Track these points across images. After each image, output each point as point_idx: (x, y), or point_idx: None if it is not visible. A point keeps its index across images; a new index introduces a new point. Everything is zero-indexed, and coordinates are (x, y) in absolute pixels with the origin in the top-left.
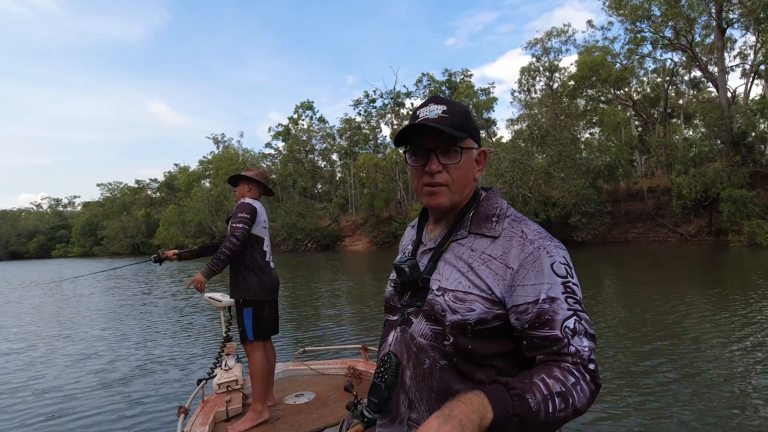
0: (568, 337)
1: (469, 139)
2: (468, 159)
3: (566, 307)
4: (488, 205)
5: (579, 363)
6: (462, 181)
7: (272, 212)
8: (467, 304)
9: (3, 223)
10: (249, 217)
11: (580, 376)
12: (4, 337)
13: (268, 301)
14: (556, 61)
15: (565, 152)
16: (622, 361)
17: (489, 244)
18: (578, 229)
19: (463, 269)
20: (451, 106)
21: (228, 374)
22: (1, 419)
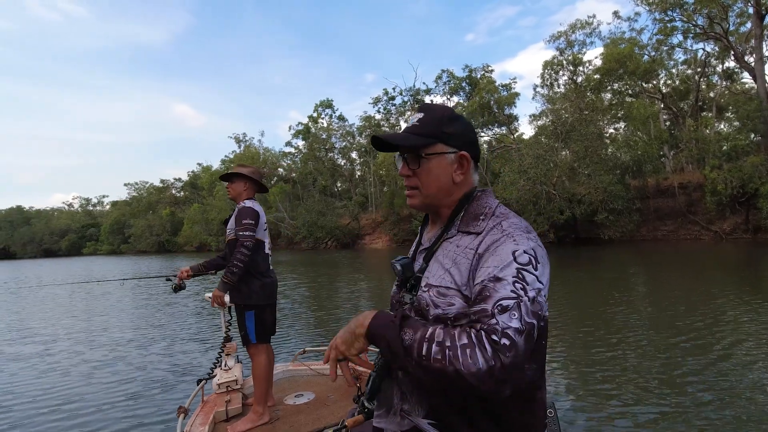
0: (495, 311)
1: (439, 144)
2: (438, 164)
3: (510, 289)
4: (478, 205)
5: (485, 330)
6: (432, 184)
7: (293, 210)
8: (448, 299)
9: (37, 222)
10: (254, 224)
11: (476, 342)
12: (8, 332)
13: (269, 304)
14: (580, 55)
15: (591, 147)
16: (647, 370)
17: (473, 239)
18: (605, 226)
19: (447, 265)
20: (428, 113)
21: (228, 374)
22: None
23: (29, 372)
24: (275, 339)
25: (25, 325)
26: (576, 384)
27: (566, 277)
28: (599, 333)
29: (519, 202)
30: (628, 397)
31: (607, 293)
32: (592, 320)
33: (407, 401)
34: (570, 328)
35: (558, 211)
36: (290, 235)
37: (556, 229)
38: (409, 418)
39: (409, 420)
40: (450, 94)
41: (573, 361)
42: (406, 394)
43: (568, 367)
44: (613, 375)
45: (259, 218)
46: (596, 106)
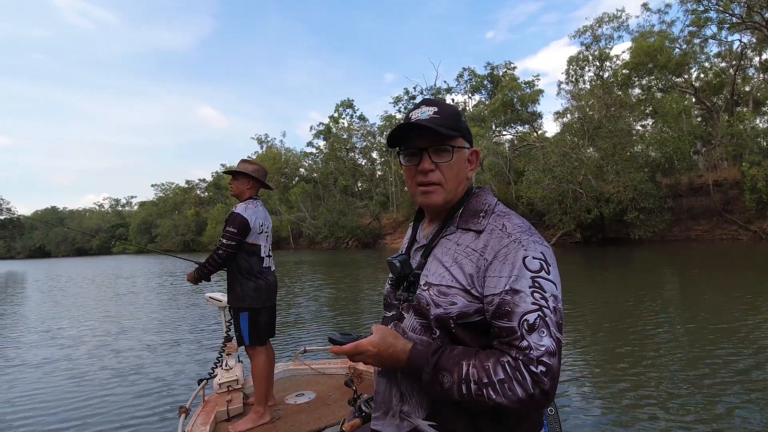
0: (523, 330)
1: (460, 138)
2: (460, 158)
3: (530, 301)
4: (477, 202)
5: (521, 360)
6: (454, 179)
7: (314, 210)
8: (449, 298)
9: (70, 222)
10: (237, 232)
11: (512, 375)
12: (15, 328)
13: (264, 307)
14: (607, 49)
15: (620, 144)
16: (679, 379)
17: (474, 238)
18: (634, 226)
19: (447, 263)
20: (442, 107)
21: (229, 374)
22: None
23: (30, 371)
24: (276, 339)
25: (38, 321)
26: (588, 383)
27: (592, 277)
28: (621, 333)
29: (544, 201)
30: (647, 399)
31: (633, 294)
32: (616, 320)
33: (407, 403)
34: (590, 327)
35: (585, 210)
36: (311, 234)
37: (582, 228)
38: (408, 420)
39: (408, 422)
40: (471, 92)
41: (592, 361)
42: (405, 396)
43: (588, 367)
44: (635, 378)
45: (249, 224)
46: (625, 101)
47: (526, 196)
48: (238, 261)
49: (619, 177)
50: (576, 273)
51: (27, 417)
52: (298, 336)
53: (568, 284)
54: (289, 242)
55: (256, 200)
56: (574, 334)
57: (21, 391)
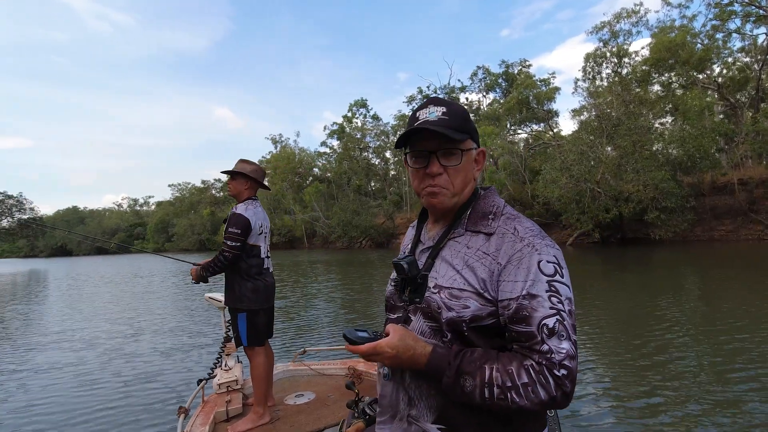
0: (543, 335)
1: (469, 139)
2: (468, 160)
3: (548, 306)
4: (485, 204)
5: (544, 365)
6: (462, 182)
7: (328, 210)
8: (462, 302)
9: (90, 222)
10: (240, 233)
11: (536, 378)
12: (21, 326)
13: (263, 308)
14: (625, 45)
15: (640, 142)
16: (701, 388)
17: (484, 241)
18: (655, 226)
19: (458, 266)
20: (451, 107)
21: (228, 374)
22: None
23: (34, 371)
24: (275, 339)
25: (50, 321)
26: (602, 385)
27: (610, 277)
28: (639, 336)
29: (561, 200)
30: (662, 405)
31: (654, 296)
32: (634, 322)
33: (415, 407)
34: (607, 329)
35: (603, 210)
36: (325, 234)
37: (600, 228)
38: (417, 424)
39: (417, 426)
40: (486, 90)
41: (607, 363)
42: (413, 400)
43: (603, 369)
44: (650, 382)
45: (251, 225)
46: (645, 98)
47: (543, 196)
48: (237, 262)
49: (639, 176)
50: (594, 273)
51: (25, 415)
52: (297, 336)
53: (586, 285)
54: (303, 242)
55: (255, 201)
56: (590, 335)
57: (21, 391)
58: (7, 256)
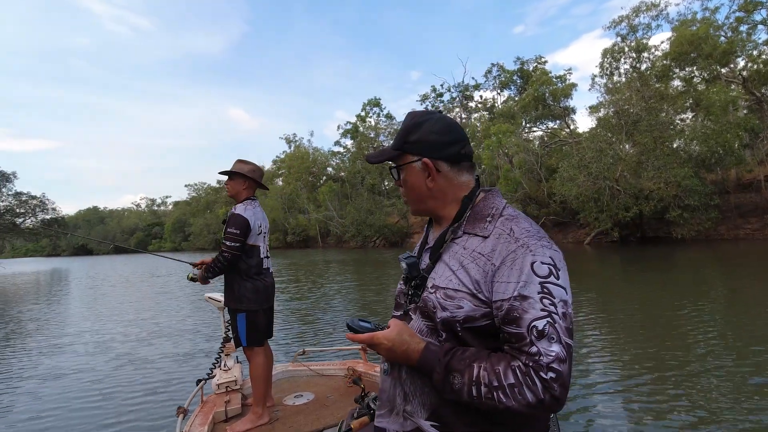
0: (533, 336)
1: (406, 155)
2: (410, 174)
3: (539, 308)
4: (485, 205)
5: (531, 366)
6: (411, 194)
7: (341, 209)
8: (456, 302)
9: (110, 221)
10: (239, 233)
11: (523, 380)
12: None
13: (262, 308)
14: (644, 39)
15: (661, 139)
16: (726, 397)
17: (480, 242)
18: (677, 224)
19: (454, 267)
20: (403, 123)
21: (227, 375)
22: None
23: (31, 370)
24: (275, 339)
25: (61, 321)
26: (618, 388)
27: (630, 277)
28: (658, 339)
29: (579, 198)
30: (680, 412)
31: (675, 297)
32: (654, 324)
33: (410, 403)
34: (625, 331)
35: (623, 208)
36: (339, 233)
37: (620, 227)
38: (411, 419)
39: (411, 421)
40: (500, 88)
41: (623, 366)
42: (408, 395)
43: (618, 372)
44: (668, 387)
45: (250, 225)
46: (666, 93)
47: (560, 194)
48: (237, 262)
49: (661, 173)
50: (613, 273)
51: (23, 412)
52: (296, 337)
53: (605, 285)
54: (317, 241)
55: (254, 201)
56: (607, 337)
57: (22, 390)
58: (31, 255)
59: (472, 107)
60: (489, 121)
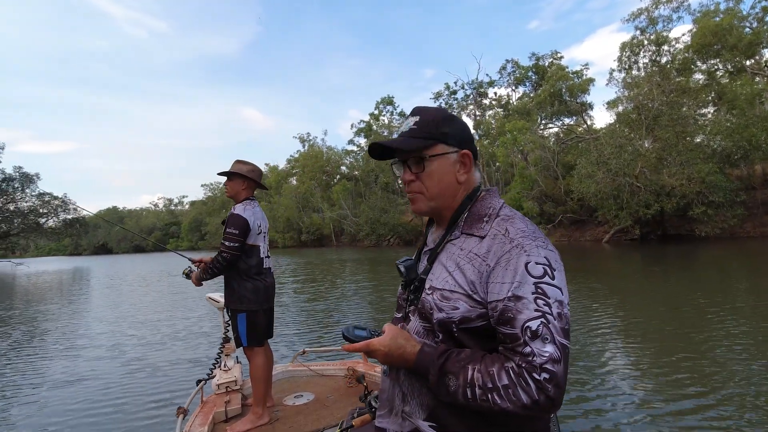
0: (526, 337)
1: (440, 144)
2: (441, 165)
3: (533, 308)
4: (482, 206)
5: (524, 367)
6: (435, 187)
7: (355, 208)
8: (452, 303)
9: (129, 221)
10: (238, 233)
11: (517, 381)
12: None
13: (262, 308)
14: (665, 32)
15: (683, 133)
16: (759, 410)
17: (477, 243)
18: (700, 222)
19: (450, 268)
20: (424, 115)
21: (227, 375)
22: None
23: (35, 367)
24: (276, 339)
25: (72, 320)
26: (637, 393)
27: (651, 277)
28: (680, 342)
29: (598, 196)
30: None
31: (699, 297)
32: (677, 326)
33: (408, 403)
34: (646, 333)
35: (644, 205)
36: (353, 232)
37: (640, 224)
38: (410, 420)
39: (410, 422)
40: (515, 84)
41: (643, 370)
42: (407, 396)
43: (637, 376)
44: (689, 393)
45: (249, 225)
46: (688, 87)
47: (578, 191)
48: (237, 262)
49: (683, 169)
50: (634, 272)
51: (21, 407)
52: (296, 337)
53: (625, 284)
54: (331, 240)
55: (253, 201)
56: (627, 339)
57: (23, 386)
58: (54, 254)
59: (486, 104)
60: (504, 118)
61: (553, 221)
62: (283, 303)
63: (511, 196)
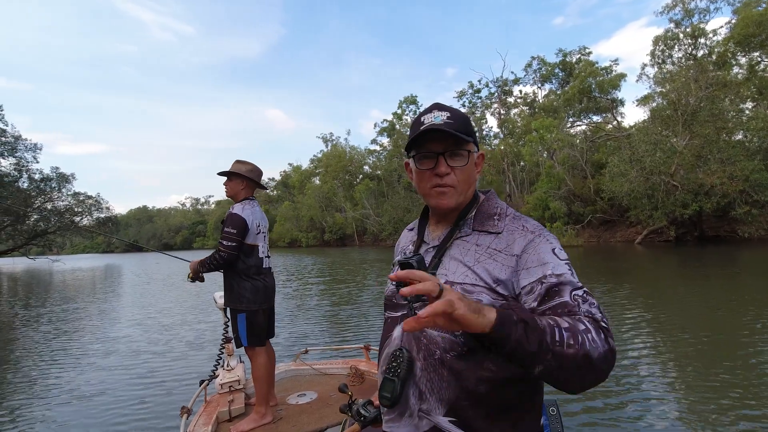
0: (578, 302)
1: (471, 143)
2: (471, 162)
3: (575, 281)
4: (489, 205)
5: (591, 318)
6: (466, 182)
7: (378, 207)
8: (474, 296)
9: (158, 219)
10: (236, 233)
11: (593, 327)
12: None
13: (262, 308)
14: (701, 24)
15: (725, 129)
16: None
17: (493, 239)
18: (743, 222)
19: (469, 263)
20: (454, 112)
21: (230, 374)
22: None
23: (33, 368)
24: (277, 339)
25: (80, 319)
26: (671, 399)
27: (689, 280)
28: (720, 348)
29: (631, 195)
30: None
31: (741, 302)
32: (715, 331)
33: (426, 401)
34: (682, 338)
35: (680, 205)
36: (376, 231)
37: (675, 225)
38: (428, 418)
39: (428, 420)
40: (541, 82)
41: (679, 375)
42: (424, 393)
43: (672, 381)
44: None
45: (248, 225)
46: (729, 80)
47: (609, 190)
48: (235, 262)
49: (725, 166)
50: (670, 275)
51: (24, 400)
52: (299, 336)
53: (660, 288)
54: (353, 239)
55: (252, 200)
56: (664, 343)
57: (31, 379)
58: (88, 251)
59: (511, 102)
60: (529, 116)
61: (581, 221)
62: (286, 302)
63: (538, 195)
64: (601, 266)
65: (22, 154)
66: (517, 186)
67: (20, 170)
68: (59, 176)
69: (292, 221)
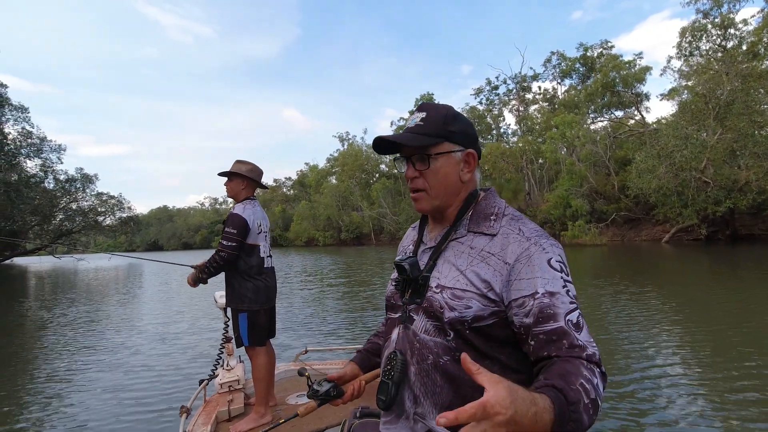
0: (572, 330)
1: (446, 143)
2: (446, 163)
3: (568, 301)
4: (486, 205)
5: (591, 361)
6: (440, 185)
7: (395, 206)
8: (464, 302)
9: (177, 219)
10: (237, 232)
11: (597, 372)
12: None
13: (263, 308)
14: (731, 14)
15: (760, 122)
16: None
17: (488, 241)
18: None
19: (461, 267)
20: (431, 111)
21: (230, 374)
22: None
23: (32, 369)
24: (277, 338)
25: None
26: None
27: (721, 281)
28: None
29: (659, 191)
30: None
31: None
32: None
33: (420, 405)
34: (716, 343)
35: (712, 202)
36: (393, 230)
37: (705, 224)
38: (422, 422)
39: (423, 423)
40: (561, 77)
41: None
42: (419, 398)
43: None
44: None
45: (248, 225)
46: (762, 72)
47: (635, 187)
48: (236, 262)
49: (761, 161)
50: (702, 275)
51: (24, 401)
52: (299, 337)
53: (692, 290)
54: (370, 238)
55: (253, 200)
56: (694, 345)
57: (32, 378)
58: (111, 250)
59: (529, 99)
60: (549, 113)
61: (605, 219)
62: (287, 301)
63: (559, 193)
64: (629, 266)
65: (47, 155)
66: (536, 183)
67: (45, 171)
68: (83, 177)
69: (309, 220)
